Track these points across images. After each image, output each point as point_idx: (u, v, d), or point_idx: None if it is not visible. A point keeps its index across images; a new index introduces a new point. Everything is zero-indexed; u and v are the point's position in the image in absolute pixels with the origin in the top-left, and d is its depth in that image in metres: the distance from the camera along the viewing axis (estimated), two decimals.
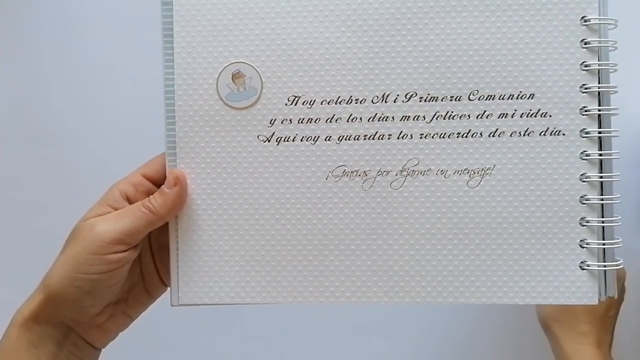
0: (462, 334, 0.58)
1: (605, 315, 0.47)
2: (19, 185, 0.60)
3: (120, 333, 0.38)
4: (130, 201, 0.36)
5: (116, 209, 0.35)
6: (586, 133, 0.35)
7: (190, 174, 0.36)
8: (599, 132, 0.35)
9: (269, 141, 0.36)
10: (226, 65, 0.36)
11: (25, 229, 0.60)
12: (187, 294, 0.36)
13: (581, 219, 0.35)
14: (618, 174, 0.35)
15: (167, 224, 0.36)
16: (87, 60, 0.59)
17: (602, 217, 0.35)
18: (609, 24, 0.35)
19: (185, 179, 0.36)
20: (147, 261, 0.38)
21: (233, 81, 0.36)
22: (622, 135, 0.55)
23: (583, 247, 0.35)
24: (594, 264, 0.35)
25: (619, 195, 0.35)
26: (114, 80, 0.58)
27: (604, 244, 0.35)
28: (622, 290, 0.48)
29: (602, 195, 0.35)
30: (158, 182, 0.36)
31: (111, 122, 0.58)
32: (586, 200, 0.35)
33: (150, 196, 0.35)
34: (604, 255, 0.35)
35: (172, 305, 0.37)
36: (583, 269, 0.35)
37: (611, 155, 0.35)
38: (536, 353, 0.50)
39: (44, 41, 0.59)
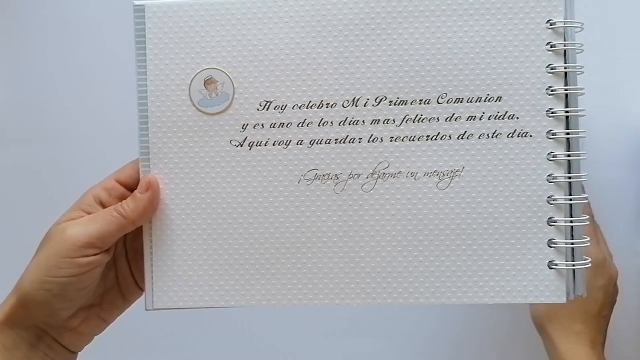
0: (455, 333, 0.59)
1: (599, 316, 0.47)
2: (19, 185, 0.60)
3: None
4: (104, 206, 0.36)
5: (89, 214, 0.35)
6: (553, 135, 0.35)
7: (164, 179, 0.37)
8: (568, 134, 0.35)
9: (241, 146, 0.36)
10: (199, 71, 0.36)
11: (25, 229, 0.60)
12: (161, 298, 0.37)
13: (549, 219, 0.36)
14: (586, 174, 0.36)
15: (142, 229, 0.37)
16: (88, 60, 0.59)
17: (570, 217, 0.36)
18: (575, 27, 0.35)
19: (158, 184, 0.36)
20: (122, 266, 0.39)
21: (205, 87, 0.36)
22: (622, 135, 0.55)
23: (551, 247, 0.36)
24: (562, 263, 0.36)
25: (586, 196, 0.36)
26: (116, 80, 0.58)
27: (572, 244, 0.36)
28: (615, 292, 0.49)
29: (569, 195, 0.36)
30: (132, 188, 0.37)
31: (112, 122, 0.58)
32: (554, 200, 0.35)
33: (123, 201, 0.35)
34: (573, 254, 0.36)
35: (146, 310, 0.37)
36: (551, 268, 0.36)
37: (579, 156, 0.35)
38: (529, 353, 0.50)
39: (45, 41, 0.59)
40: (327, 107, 0.36)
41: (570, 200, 0.35)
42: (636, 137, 0.56)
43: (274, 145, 0.36)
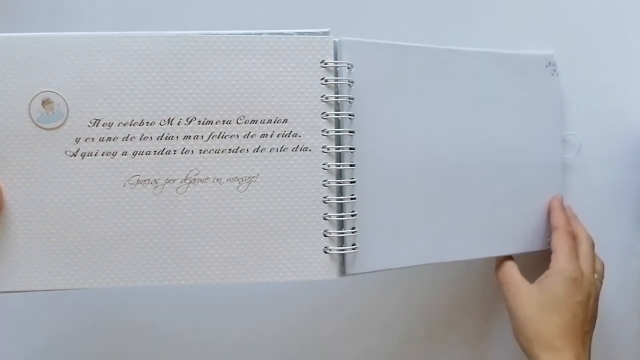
0: (458, 333, 0.59)
1: (581, 331, 0.48)
2: None
3: None
4: None
5: None
6: (327, 149, 0.45)
7: (8, 183, 0.43)
8: (337, 149, 0.46)
9: (74, 156, 0.44)
10: (37, 93, 0.43)
11: None
12: (2, 282, 0.44)
13: (324, 214, 0.46)
14: (353, 179, 0.46)
15: None
16: None
17: (341, 212, 0.46)
18: (343, 66, 0.46)
19: (0, 188, 0.43)
20: None
21: (43, 106, 0.43)
22: (622, 135, 0.57)
23: (326, 236, 0.46)
24: (334, 249, 0.46)
25: (354, 195, 0.46)
26: None
27: (342, 233, 0.46)
28: (595, 308, 0.51)
29: (339, 196, 0.46)
30: None
31: None
32: (327, 200, 0.46)
33: None
34: (343, 242, 0.46)
35: None
36: (326, 253, 0.46)
37: (346, 166, 0.46)
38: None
39: (36, 23, 0.57)
40: (147, 125, 0.44)
41: (341, 200, 0.46)
42: (636, 137, 0.57)
43: (102, 155, 0.44)
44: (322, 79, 0.45)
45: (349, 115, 0.46)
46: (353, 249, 0.46)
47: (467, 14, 0.57)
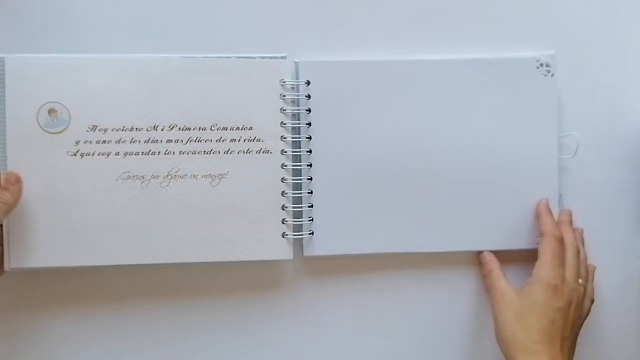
0: (464, 335, 0.59)
1: (559, 336, 0.49)
2: None
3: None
4: None
5: None
6: (284, 152, 0.55)
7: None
8: (293, 152, 0.55)
9: (75, 155, 0.53)
10: (44, 103, 0.52)
11: None
12: (16, 259, 0.52)
13: (282, 205, 0.56)
14: (309, 177, 0.56)
15: None
16: None
17: (297, 204, 0.56)
18: (301, 83, 0.55)
19: (21, 178, 0.51)
20: None
21: (49, 114, 0.52)
22: (620, 135, 0.57)
23: (284, 223, 0.56)
24: (290, 234, 0.56)
25: (310, 190, 0.56)
26: None
27: (298, 221, 0.56)
28: (577, 315, 0.52)
29: (296, 191, 0.56)
30: None
31: None
32: (285, 193, 0.55)
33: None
34: (300, 229, 0.56)
35: (5, 270, 0.52)
36: (284, 237, 0.56)
37: (303, 165, 0.56)
38: None
39: (45, 42, 0.58)
40: (136, 130, 0.53)
41: (299, 193, 0.56)
42: (635, 137, 0.57)
43: (98, 155, 0.53)
44: (281, 94, 0.55)
45: (306, 123, 0.56)
46: (309, 234, 0.56)
47: (467, 14, 0.58)
